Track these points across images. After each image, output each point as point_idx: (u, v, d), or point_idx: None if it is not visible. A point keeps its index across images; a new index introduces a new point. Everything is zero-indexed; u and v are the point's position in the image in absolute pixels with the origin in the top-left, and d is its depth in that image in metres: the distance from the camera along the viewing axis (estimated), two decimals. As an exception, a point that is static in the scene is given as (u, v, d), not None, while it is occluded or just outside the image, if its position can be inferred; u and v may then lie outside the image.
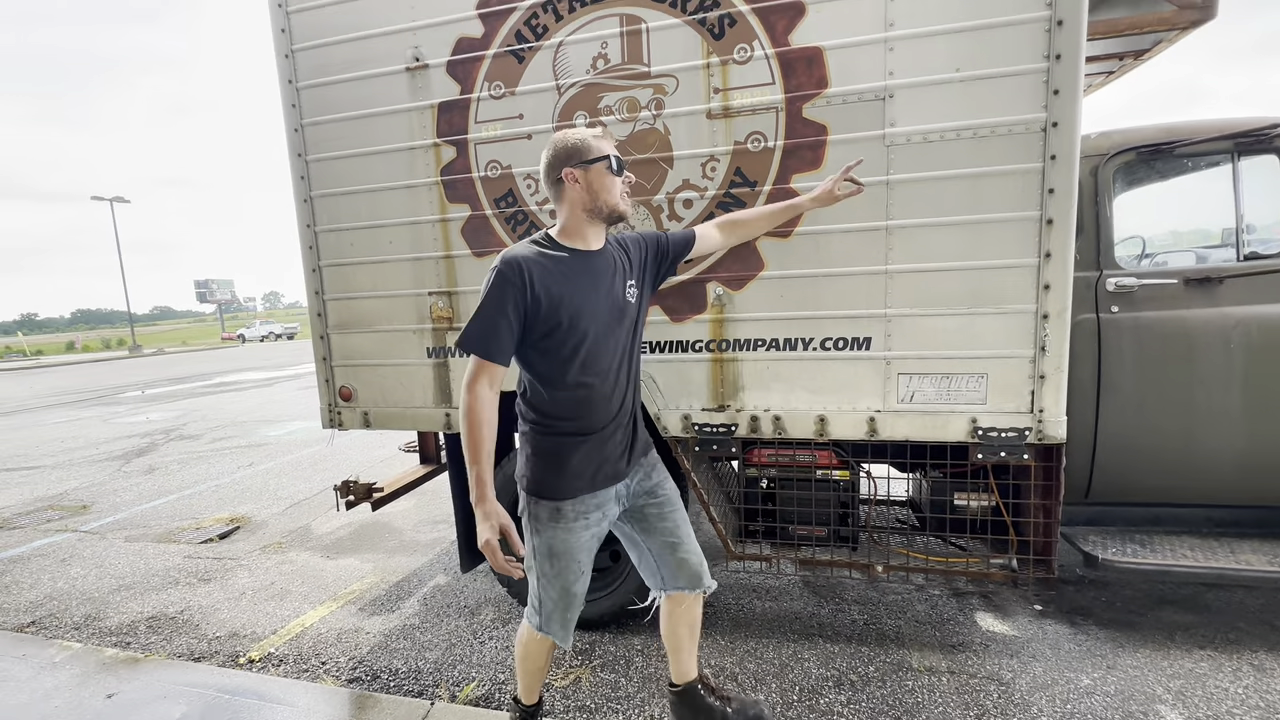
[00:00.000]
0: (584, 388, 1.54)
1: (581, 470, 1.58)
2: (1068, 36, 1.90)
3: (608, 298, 1.55)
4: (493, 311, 1.46)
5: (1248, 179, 2.37)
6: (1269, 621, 2.48)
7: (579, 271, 1.52)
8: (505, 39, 2.37)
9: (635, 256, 1.69)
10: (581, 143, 1.53)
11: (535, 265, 1.48)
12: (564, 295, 1.48)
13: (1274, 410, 2.22)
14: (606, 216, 1.56)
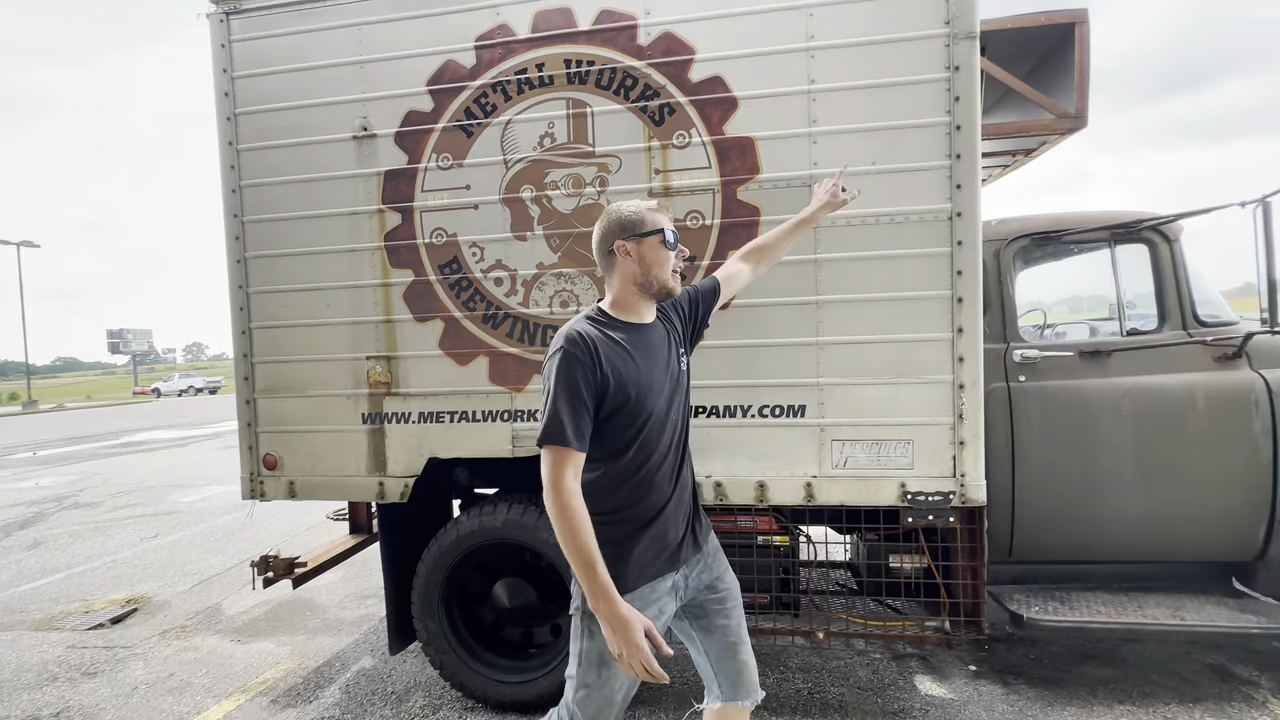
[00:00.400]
0: (646, 469, 1.42)
1: (644, 559, 1.41)
2: (965, 138, 2.15)
3: (665, 371, 1.47)
4: (569, 395, 1.32)
5: (1124, 263, 2.69)
6: (1177, 672, 2.62)
7: (637, 346, 1.43)
8: (455, 114, 2.45)
9: (678, 321, 1.60)
10: (636, 215, 1.46)
11: (600, 341, 1.38)
12: (627, 372, 1.38)
13: (1162, 472, 2.43)
14: (656, 292, 1.48)
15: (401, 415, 2.54)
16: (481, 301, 2.47)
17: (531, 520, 2.49)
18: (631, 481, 1.42)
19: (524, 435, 2.46)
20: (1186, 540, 2.50)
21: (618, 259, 1.46)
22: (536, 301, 2.43)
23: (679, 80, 2.30)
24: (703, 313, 1.69)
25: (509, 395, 2.46)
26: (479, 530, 2.53)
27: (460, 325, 2.48)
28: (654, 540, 1.43)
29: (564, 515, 1.29)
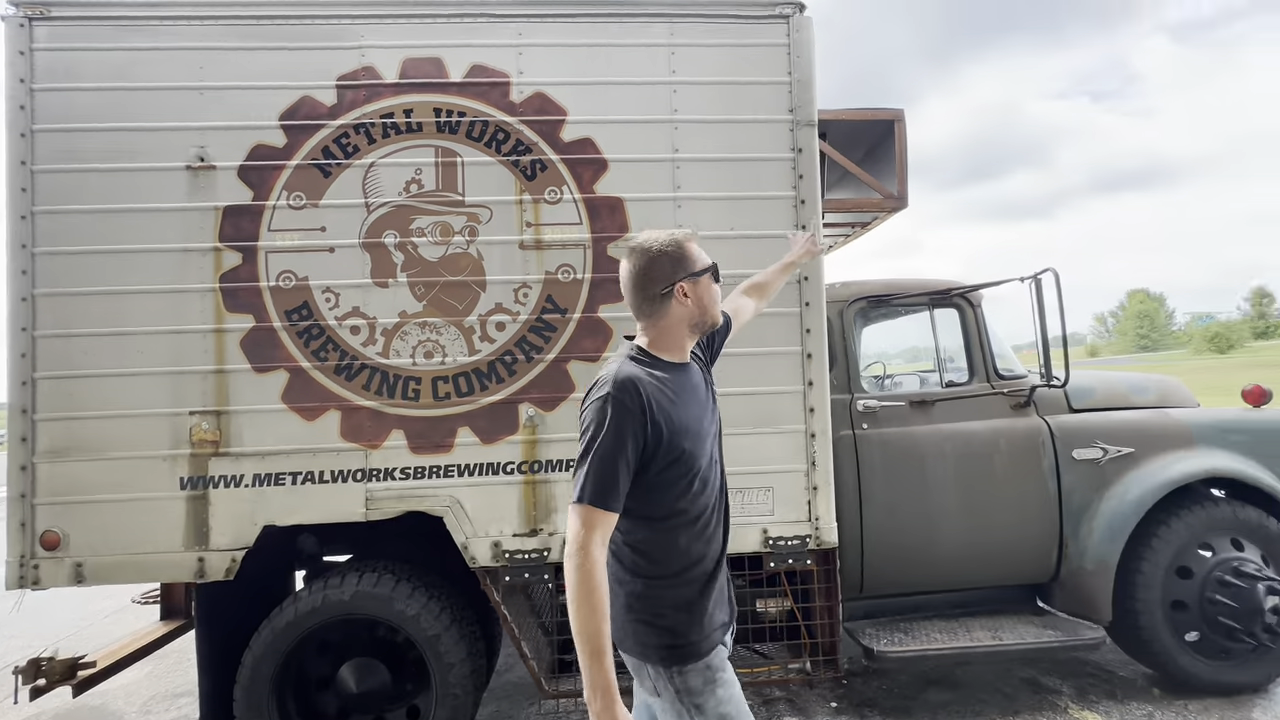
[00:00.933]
0: (704, 518, 1.31)
1: (714, 620, 1.31)
2: (809, 211, 2.40)
3: (709, 412, 1.37)
4: (614, 450, 1.17)
5: (941, 324, 3.11)
6: (1000, 689, 2.94)
7: (683, 388, 1.31)
8: (311, 152, 2.31)
9: (704, 356, 1.49)
10: (684, 251, 1.31)
11: (650, 387, 1.23)
12: (678, 419, 1.25)
13: (977, 507, 2.78)
14: (706, 329, 1.39)
15: (231, 478, 2.24)
16: (335, 351, 2.28)
17: (386, 591, 2.27)
18: (691, 533, 1.29)
19: (380, 497, 2.26)
20: (999, 566, 2.85)
21: (674, 301, 1.30)
22: (398, 351, 2.29)
23: (551, 139, 2.35)
24: (717, 346, 1.58)
25: (363, 453, 2.26)
26: (323, 606, 2.25)
27: (308, 376, 2.27)
28: (719, 597, 1.33)
29: (586, 584, 1.12)
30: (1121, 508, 2.76)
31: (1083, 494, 2.81)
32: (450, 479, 2.29)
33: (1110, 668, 3.06)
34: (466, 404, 2.30)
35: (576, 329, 2.33)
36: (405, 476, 2.27)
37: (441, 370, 2.30)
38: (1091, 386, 3.12)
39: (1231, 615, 2.65)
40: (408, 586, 2.29)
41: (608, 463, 1.17)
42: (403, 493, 2.27)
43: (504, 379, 2.31)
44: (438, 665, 2.26)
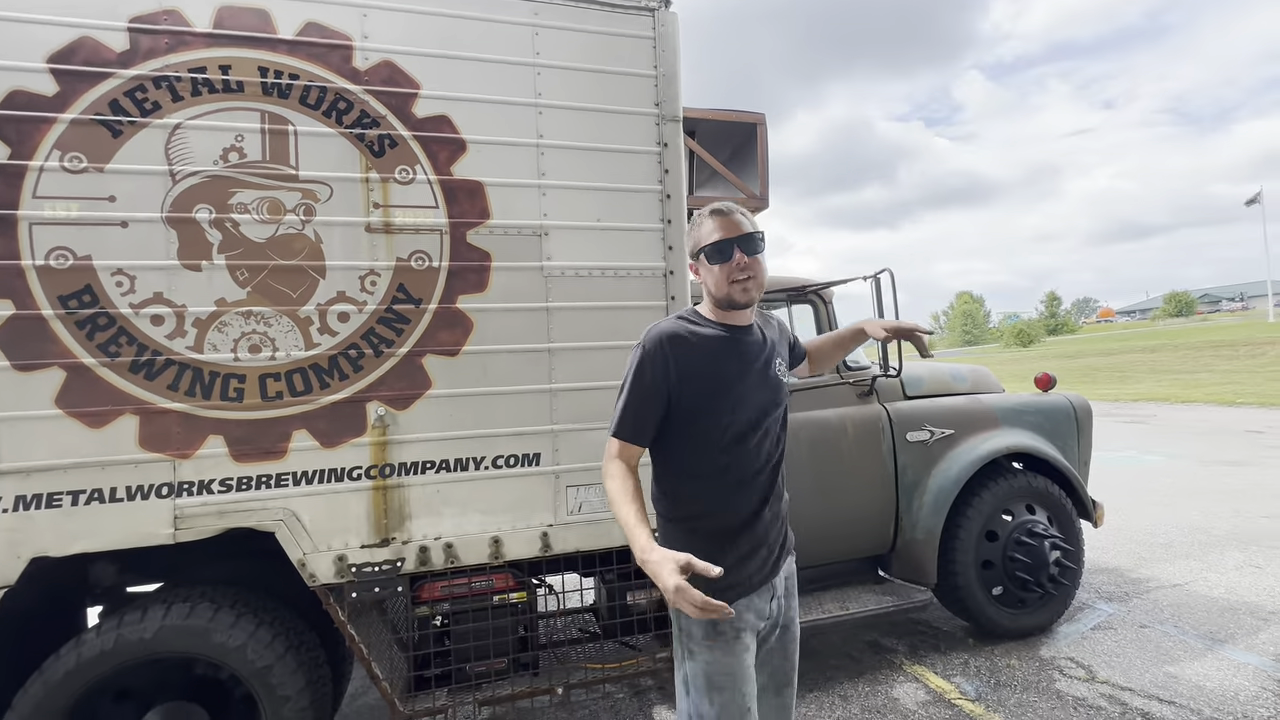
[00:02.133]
0: (736, 473, 1.38)
1: (739, 570, 1.36)
2: (674, 206, 2.42)
3: (762, 375, 1.43)
4: (635, 390, 1.37)
5: (797, 319, 3.31)
6: (848, 653, 3.21)
7: (729, 346, 1.42)
8: (94, 106, 1.92)
9: (780, 339, 1.57)
10: (696, 230, 1.45)
11: (682, 339, 1.39)
12: (705, 369, 1.38)
13: (829, 489, 3.00)
14: (725, 305, 1.43)
15: (-17, 502, 1.81)
16: (130, 344, 1.92)
17: (202, 622, 1.96)
18: (724, 485, 1.39)
19: (192, 514, 1.95)
20: (847, 542, 3.11)
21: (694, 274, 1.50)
22: (215, 345, 1.98)
23: (402, 113, 2.16)
24: (791, 362, 1.65)
25: (170, 464, 1.93)
26: (115, 649, 1.90)
27: (92, 375, 1.89)
28: (750, 549, 1.38)
29: (605, 486, 1.37)
30: (945, 483, 3.12)
31: (915, 472, 3.14)
32: (284, 489, 2.02)
33: (936, 624, 3.47)
34: (303, 404, 2.05)
35: (433, 321, 2.16)
36: (226, 489, 1.98)
37: (271, 367, 2.03)
38: (921, 376, 3.49)
39: (1025, 569, 3.10)
40: (230, 614, 2.00)
41: (631, 401, 1.38)
42: (223, 508, 1.97)
43: (348, 375, 2.09)
44: (269, 700, 1.99)
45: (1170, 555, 4.33)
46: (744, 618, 1.36)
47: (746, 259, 1.38)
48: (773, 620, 1.45)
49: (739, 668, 1.35)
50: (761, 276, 1.42)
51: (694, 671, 1.36)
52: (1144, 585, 3.84)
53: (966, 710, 2.61)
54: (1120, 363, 24.47)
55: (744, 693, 1.35)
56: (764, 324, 1.54)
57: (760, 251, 1.41)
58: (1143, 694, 2.65)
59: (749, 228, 1.41)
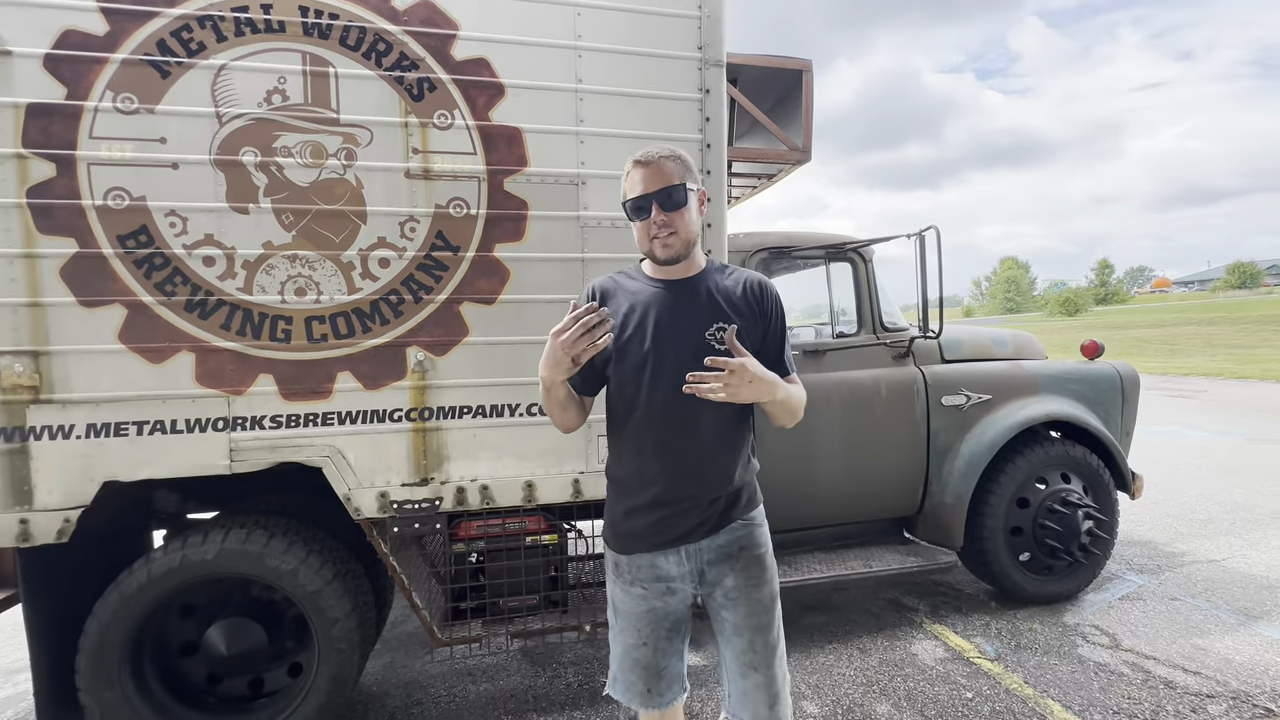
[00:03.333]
0: (637, 428, 1.36)
1: (634, 528, 1.39)
2: (714, 156, 2.36)
3: (688, 332, 1.35)
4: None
5: (835, 277, 3.24)
6: (869, 609, 3.26)
7: (655, 299, 1.38)
8: (143, 45, 1.94)
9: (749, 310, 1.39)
10: (622, 182, 1.40)
11: (610, 289, 1.43)
12: (629, 324, 1.36)
13: (859, 450, 2.99)
14: (652, 259, 1.40)
15: (58, 429, 1.94)
16: (185, 284, 2.00)
17: (258, 547, 2.10)
18: (631, 443, 1.38)
19: (246, 447, 2.06)
20: (874, 502, 3.12)
21: None
22: (263, 287, 2.05)
23: (441, 55, 2.13)
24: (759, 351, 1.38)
25: (225, 399, 2.04)
26: (181, 567, 2.05)
27: (151, 313, 1.98)
28: (647, 510, 1.37)
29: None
30: (978, 448, 3.08)
31: (947, 436, 3.10)
32: (330, 427, 2.12)
33: (959, 587, 3.48)
34: (346, 347, 2.11)
35: (471, 268, 2.18)
36: (277, 425, 2.08)
37: (316, 309, 2.09)
38: (961, 340, 3.41)
39: (1056, 537, 3.08)
40: (283, 542, 2.13)
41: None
42: (274, 443, 2.08)
43: (389, 320, 2.14)
44: (319, 621, 2.14)
45: (1210, 531, 4.23)
46: (643, 571, 1.39)
47: (665, 215, 1.32)
48: (704, 585, 1.41)
49: (634, 608, 1.41)
50: (685, 230, 1.34)
51: (608, 591, 1.49)
52: (1178, 559, 3.78)
53: (985, 669, 2.65)
54: (1173, 335, 23.36)
55: (638, 629, 1.41)
56: (733, 288, 1.40)
57: (683, 204, 1.33)
58: (1167, 664, 2.65)
59: (673, 178, 1.32)
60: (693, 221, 1.36)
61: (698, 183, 1.38)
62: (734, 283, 1.42)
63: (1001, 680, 2.56)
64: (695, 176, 1.38)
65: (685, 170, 1.36)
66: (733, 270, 1.46)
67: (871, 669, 2.69)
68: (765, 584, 1.43)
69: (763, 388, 1.24)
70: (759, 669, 1.40)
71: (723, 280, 1.42)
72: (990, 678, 2.58)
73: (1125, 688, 2.48)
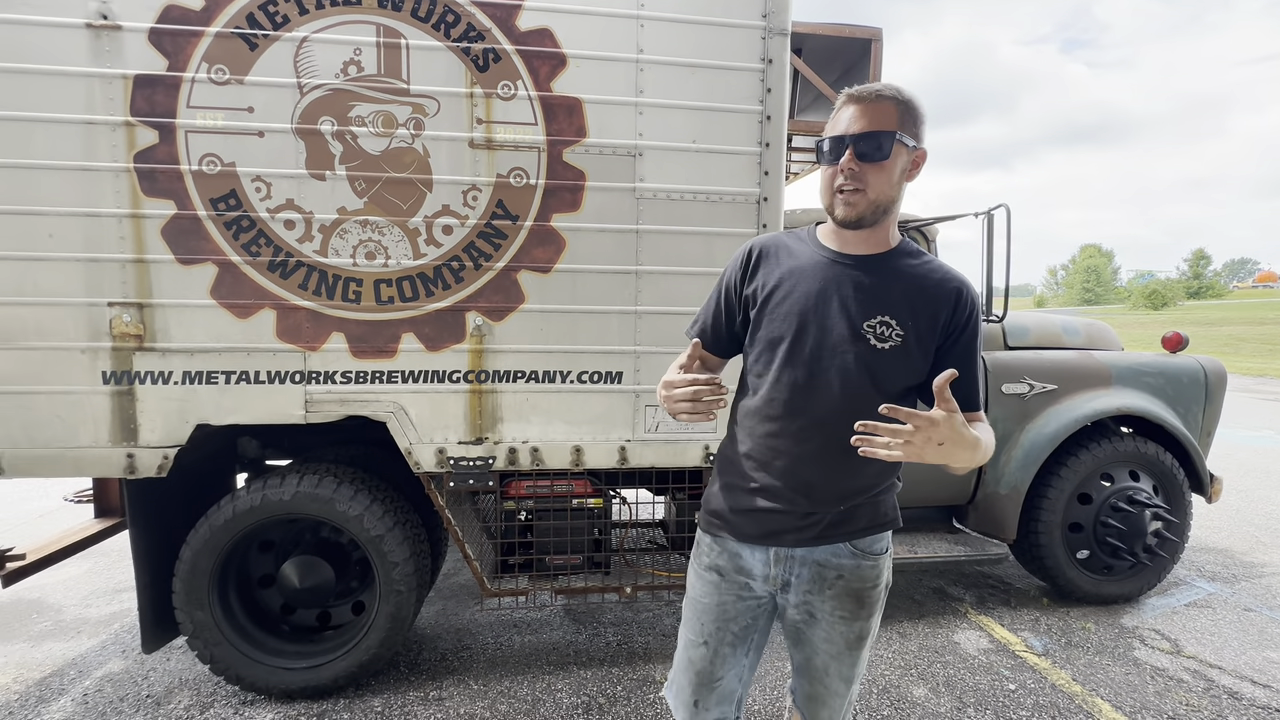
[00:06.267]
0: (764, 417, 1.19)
1: (725, 510, 1.24)
2: (774, 129, 2.32)
3: (842, 318, 1.14)
4: (712, 292, 1.35)
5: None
6: (911, 596, 3.22)
7: (817, 270, 1.18)
8: (234, 19, 2.07)
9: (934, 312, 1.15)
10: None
11: (768, 253, 1.26)
12: (780, 285, 1.20)
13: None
14: (832, 221, 1.19)
15: (159, 374, 2.14)
16: (268, 245, 2.15)
17: (328, 491, 2.27)
18: (748, 406, 1.23)
19: (320, 400, 2.21)
20: (923, 489, 3.05)
21: None
22: (337, 251, 2.18)
23: (506, 26, 2.17)
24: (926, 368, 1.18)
25: (301, 354, 2.19)
26: (262, 505, 2.25)
27: (239, 271, 2.14)
28: (747, 488, 1.21)
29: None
30: (1039, 439, 2.96)
31: (1006, 425, 2.99)
32: (394, 385, 2.25)
33: (1009, 580, 3.39)
34: (411, 309, 2.23)
35: (528, 237, 2.25)
36: (347, 380, 2.22)
37: (384, 273, 2.21)
38: (1027, 327, 3.26)
39: (1119, 536, 2.94)
40: (350, 489, 2.29)
41: (706, 299, 1.36)
42: (344, 396, 2.23)
43: (450, 285, 2.24)
44: (381, 564, 2.31)
45: (1296, 543, 3.93)
46: (720, 555, 1.26)
47: (857, 165, 1.09)
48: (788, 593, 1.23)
49: (702, 592, 1.27)
50: (879, 189, 1.10)
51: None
52: (1256, 569, 3.54)
53: (1030, 662, 2.59)
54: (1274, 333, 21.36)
55: (700, 620, 1.27)
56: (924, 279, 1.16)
57: (885, 157, 1.09)
58: (1234, 674, 2.51)
59: (885, 123, 1.09)
60: (892, 183, 1.12)
61: (919, 139, 1.13)
62: (927, 274, 1.17)
63: (1048, 675, 2.49)
64: (919, 130, 1.13)
65: (906, 118, 1.11)
66: (929, 259, 1.21)
67: (910, 653, 2.68)
68: (857, 620, 1.21)
69: (958, 452, 0.99)
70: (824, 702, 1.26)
71: (913, 267, 1.17)
72: (1036, 672, 2.52)
73: (1184, 694, 2.38)
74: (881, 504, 1.23)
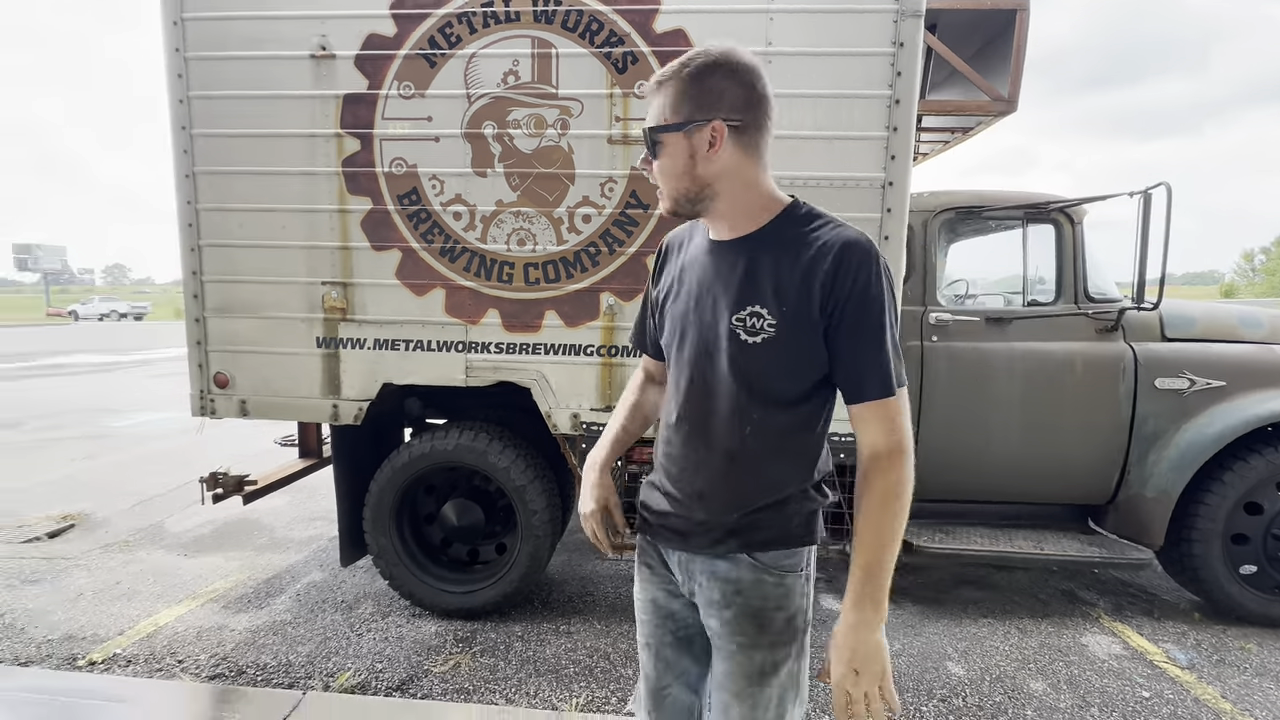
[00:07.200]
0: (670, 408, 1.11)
1: (645, 498, 1.17)
2: (903, 113, 2.32)
3: (705, 304, 1.04)
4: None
5: (1033, 241, 2.98)
6: (1035, 595, 3.09)
7: (699, 258, 1.08)
8: (418, 42, 2.44)
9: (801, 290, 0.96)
10: None
11: (673, 246, 1.17)
12: (673, 283, 1.12)
13: (1041, 426, 2.80)
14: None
15: (356, 341, 2.62)
16: (440, 234, 2.54)
17: (482, 445, 2.65)
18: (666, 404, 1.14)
19: (477, 367, 2.59)
20: (1054, 485, 2.91)
21: None
22: (494, 238, 2.52)
23: (643, 29, 2.36)
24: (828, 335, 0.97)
25: (464, 327, 2.57)
26: (431, 453, 2.68)
27: (418, 256, 2.55)
28: (652, 485, 1.17)
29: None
30: (1199, 439, 2.71)
31: (1157, 423, 2.76)
32: (537, 355, 2.57)
33: (1153, 591, 3.13)
34: (554, 290, 2.52)
35: (657, 225, 2.45)
36: (499, 351, 2.58)
37: (533, 257, 2.52)
38: (1193, 317, 2.95)
39: (1296, 553, 2.62)
40: (499, 444, 2.66)
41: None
42: (497, 365, 2.59)
43: (588, 269, 2.50)
44: (523, 510, 2.66)
45: None
46: (643, 551, 1.19)
47: (648, 164, 1.03)
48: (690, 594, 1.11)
49: (640, 592, 1.20)
50: (669, 185, 1.00)
51: None
52: None
53: (1171, 674, 2.42)
54: None
55: (641, 623, 1.20)
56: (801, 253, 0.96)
57: (657, 156, 1.00)
58: None
59: (652, 118, 0.99)
60: (679, 173, 0.99)
61: (712, 107, 0.95)
62: (807, 243, 0.97)
63: (1191, 689, 2.33)
64: (711, 97, 0.95)
65: (683, 98, 0.96)
66: (818, 224, 0.99)
67: (1031, 649, 2.61)
68: (758, 649, 1.03)
69: (873, 661, 0.94)
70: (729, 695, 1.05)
71: (791, 239, 0.99)
72: (1176, 684, 2.36)
73: (1366, 730, 2.13)
74: (790, 515, 1.04)
